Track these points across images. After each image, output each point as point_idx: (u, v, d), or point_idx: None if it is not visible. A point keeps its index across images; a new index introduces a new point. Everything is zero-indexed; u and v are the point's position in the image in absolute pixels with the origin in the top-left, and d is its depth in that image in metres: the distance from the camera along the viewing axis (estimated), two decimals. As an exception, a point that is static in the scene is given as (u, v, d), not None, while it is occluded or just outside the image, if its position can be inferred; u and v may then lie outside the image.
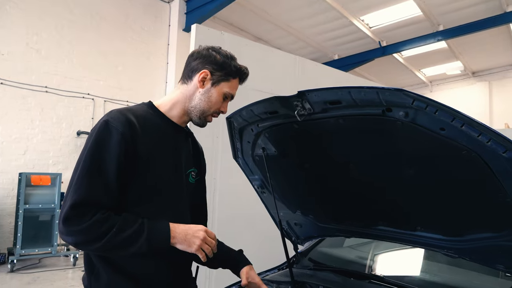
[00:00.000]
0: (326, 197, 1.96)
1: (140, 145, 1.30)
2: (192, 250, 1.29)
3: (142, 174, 1.31)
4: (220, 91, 1.46)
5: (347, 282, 1.93)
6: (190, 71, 1.48)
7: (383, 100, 1.24)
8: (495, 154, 1.13)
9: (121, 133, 1.26)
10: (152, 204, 1.34)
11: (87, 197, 1.19)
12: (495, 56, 12.32)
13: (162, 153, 1.38)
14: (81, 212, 1.18)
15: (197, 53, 1.49)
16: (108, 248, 1.21)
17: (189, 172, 1.54)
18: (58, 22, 7.28)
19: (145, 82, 8.60)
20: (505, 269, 1.47)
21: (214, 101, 1.47)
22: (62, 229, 1.18)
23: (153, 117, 1.43)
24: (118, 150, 1.24)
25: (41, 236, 6.09)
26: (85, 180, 1.21)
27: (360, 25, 10.03)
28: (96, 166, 1.23)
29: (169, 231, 1.27)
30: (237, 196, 3.47)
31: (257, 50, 3.87)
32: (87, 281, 1.33)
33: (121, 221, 1.22)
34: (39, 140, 6.99)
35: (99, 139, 1.26)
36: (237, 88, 1.53)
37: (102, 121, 1.30)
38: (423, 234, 1.70)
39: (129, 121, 1.30)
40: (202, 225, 1.37)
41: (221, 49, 1.50)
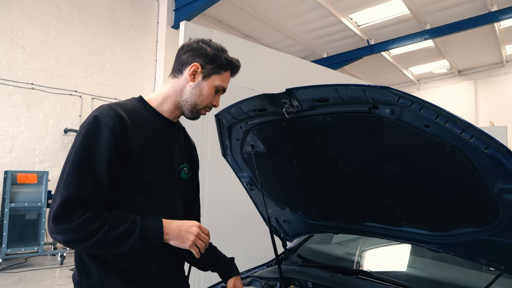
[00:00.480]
0: (315, 194, 1.98)
1: (131, 140, 1.28)
2: (185, 246, 1.29)
3: (133, 169, 1.29)
4: (212, 84, 1.44)
5: (335, 278, 1.96)
6: (181, 64, 1.46)
7: (369, 98, 1.26)
8: (477, 150, 1.16)
9: (111, 129, 1.24)
10: (144, 199, 1.33)
11: (77, 194, 1.17)
12: (481, 55, 12.53)
13: (153, 148, 1.37)
14: (71, 209, 1.16)
15: (187, 46, 1.46)
16: (100, 246, 1.19)
17: (182, 167, 1.52)
18: (44, 18, 7.17)
19: (133, 79, 8.53)
20: (487, 263, 1.51)
21: (206, 95, 1.45)
22: (52, 228, 1.15)
23: (144, 112, 1.40)
24: (108, 146, 1.22)
25: (27, 235, 6.01)
26: (75, 177, 1.18)
27: (349, 24, 10.09)
28: (86, 163, 1.20)
29: (162, 227, 1.26)
30: (226, 194, 3.48)
31: (246, 48, 3.87)
32: (78, 279, 1.31)
33: (113, 219, 1.20)
34: (25, 137, 6.89)
35: (88, 135, 1.23)
36: (228, 81, 1.51)
37: (91, 117, 1.27)
38: (409, 229, 1.73)
39: (119, 116, 1.28)
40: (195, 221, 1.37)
41: (211, 42, 1.48)
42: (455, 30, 9.61)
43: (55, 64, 7.31)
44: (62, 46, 7.41)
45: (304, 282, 1.97)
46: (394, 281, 1.79)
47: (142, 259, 1.31)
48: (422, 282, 1.88)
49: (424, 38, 10.14)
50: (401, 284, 1.76)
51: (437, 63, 13.08)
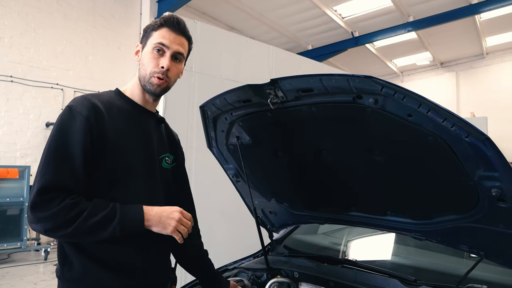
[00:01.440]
0: (300, 184, 1.99)
1: (106, 129, 1.29)
2: (167, 232, 1.28)
3: (110, 158, 1.29)
4: (148, 49, 1.42)
5: (321, 267, 1.98)
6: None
7: (353, 88, 1.27)
8: (458, 138, 1.18)
9: (86, 117, 1.24)
10: (122, 188, 1.32)
11: (54, 182, 1.17)
12: (462, 47, 12.74)
13: (130, 137, 1.36)
14: (49, 197, 1.15)
15: None
16: (79, 234, 1.19)
17: (163, 157, 1.51)
18: (22, 9, 6.98)
19: (116, 71, 8.39)
20: (468, 249, 1.54)
21: (147, 61, 1.41)
22: (30, 217, 1.15)
23: (120, 102, 1.41)
24: (83, 134, 1.23)
25: (9, 230, 5.90)
26: (51, 165, 1.19)
27: (333, 16, 10.11)
28: (61, 151, 1.21)
29: (142, 213, 1.26)
30: (212, 186, 3.47)
31: (231, 39, 3.85)
32: (60, 272, 1.30)
33: (92, 206, 1.20)
34: (5, 131, 6.74)
35: (63, 125, 1.24)
36: (167, 37, 1.41)
37: (66, 107, 1.29)
38: (392, 218, 1.76)
39: (94, 106, 1.29)
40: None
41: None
42: (437, 22, 9.74)
43: (35, 56, 7.14)
44: (42, 38, 7.23)
45: (290, 272, 1.99)
46: (379, 269, 1.83)
47: (124, 249, 1.30)
48: (406, 269, 1.92)
49: (407, 30, 10.25)
50: (386, 272, 1.79)
51: (420, 55, 13.25)
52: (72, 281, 1.27)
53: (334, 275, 1.87)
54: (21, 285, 4.81)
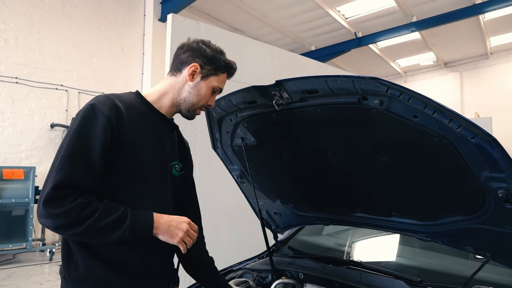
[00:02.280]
0: (305, 185, 1.99)
1: (125, 131, 1.29)
2: (173, 242, 1.30)
3: (125, 159, 1.30)
4: (209, 85, 1.48)
5: (326, 268, 1.98)
6: (180, 63, 1.48)
7: (358, 89, 1.27)
8: (464, 140, 1.18)
9: (107, 117, 1.25)
10: (133, 189, 1.33)
11: (70, 179, 1.17)
12: (466, 47, 12.67)
13: (146, 141, 1.38)
14: (63, 194, 1.15)
15: (187, 46, 1.48)
16: (89, 234, 1.19)
17: (173, 164, 1.53)
18: (27, 10, 7.01)
19: (120, 73, 8.42)
20: (474, 250, 1.54)
21: (203, 95, 1.48)
22: (42, 212, 1.15)
23: (140, 106, 1.42)
24: (103, 133, 1.23)
25: (15, 231, 5.92)
26: (69, 161, 1.18)
27: (336, 16, 10.10)
28: (80, 149, 1.21)
29: (152, 220, 1.27)
30: (217, 187, 3.48)
31: (234, 40, 3.85)
32: (66, 271, 1.30)
33: (104, 207, 1.20)
34: (10, 132, 6.77)
35: (84, 122, 1.24)
36: (225, 82, 1.54)
37: (88, 105, 1.29)
38: (398, 219, 1.75)
39: (116, 106, 1.30)
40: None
41: (210, 43, 1.50)
42: (441, 22, 9.69)
43: (40, 57, 7.17)
44: (47, 40, 7.26)
45: (295, 273, 1.99)
46: (384, 271, 1.82)
47: (130, 250, 1.31)
48: (411, 270, 1.92)
49: (411, 30, 10.21)
50: (391, 273, 1.79)
51: (424, 55, 13.19)
52: (77, 281, 1.28)
53: (339, 276, 1.87)
54: (26, 285, 4.84)
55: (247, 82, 3.34)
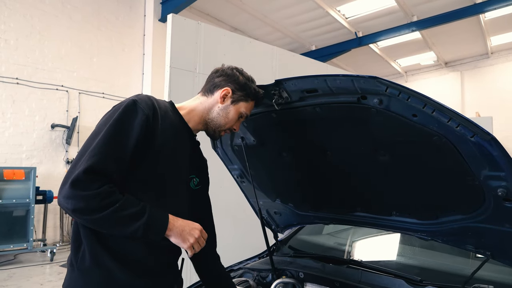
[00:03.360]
0: (305, 185, 1.99)
1: (158, 134, 1.34)
2: (184, 246, 1.33)
3: (150, 161, 1.33)
4: (238, 110, 1.54)
5: (326, 267, 1.98)
6: (213, 86, 1.55)
7: (358, 88, 1.28)
8: (463, 138, 1.18)
9: (146, 115, 1.30)
10: (152, 193, 1.35)
11: (102, 166, 1.19)
12: (466, 47, 12.66)
13: (172, 149, 1.41)
14: (92, 178, 1.17)
15: (221, 71, 1.56)
16: (104, 223, 1.21)
17: (191, 177, 1.58)
18: (27, 11, 7.02)
19: (121, 73, 8.43)
20: (474, 249, 1.54)
21: (231, 118, 1.54)
22: (68, 191, 1.16)
23: (172, 115, 1.47)
24: (139, 129, 1.28)
25: (15, 231, 5.92)
26: (104, 149, 1.21)
27: (337, 16, 10.09)
28: (116, 139, 1.25)
29: (167, 222, 1.29)
30: (217, 186, 3.47)
31: (234, 40, 3.85)
32: (74, 260, 1.31)
33: (125, 199, 1.22)
34: (11, 133, 6.77)
35: (125, 115, 1.28)
36: (251, 109, 1.60)
37: (130, 100, 1.33)
38: (398, 218, 1.76)
39: (155, 107, 1.36)
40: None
41: (243, 71, 1.58)
42: (442, 21, 9.68)
43: (40, 58, 7.17)
44: (47, 40, 7.27)
45: (295, 272, 1.99)
46: (384, 270, 1.82)
47: (139, 247, 1.33)
48: (412, 269, 1.92)
49: (411, 30, 10.20)
50: (391, 272, 1.79)
51: (424, 55, 13.17)
52: (83, 271, 1.29)
53: (339, 275, 1.87)
54: (27, 285, 4.84)
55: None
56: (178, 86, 3.29)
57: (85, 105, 7.77)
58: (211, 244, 1.70)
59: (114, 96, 8.14)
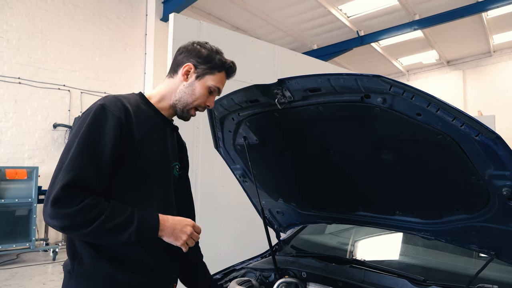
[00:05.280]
0: (307, 184, 1.98)
1: (134, 132, 1.31)
2: (177, 244, 1.32)
3: (132, 160, 1.31)
4: (204, 84, 1.48)
5: (329, 267, 1.97)
6: (176, 65, 1.51)
7: (361, 87, 1.27)
8: (468, 137, 1.17)
9: (118, 118, 1.26)
10: (139, 190, 1.35)
11: (80, 179, 1.17)
12: (469, 45, 12.63)
13: (151, 142, 1.39)
14: (72, 194, 1.15)
15: (182, 48, 1.51)
16: (96, 235, 1.20)
17: (174, 165, 1.56)
18: (29, 11, 7.03)
19: (123, 73, 8.43)
20: (478, 249, 1.53)
21: (198, 94, 1.48)
22: (50, 211, 1.14)
23: (145, 107, 1.44)
24: (113, 134, 1.24)
25: (18, 231, 5.94)
26: (79, 161, 1.18)
27: (338, 15, 10.08)
28: (90, 149, 1.21)
29: (158, 223, 1.28)
30: (219, 186, 3.47)
31: (236, 39, 3.85)
32: (70, 266, 1.30)
33: (110, 209, 1.20)
34: (13, 133, 6.79)
35: (95, 123, 1.25)
36: (223, 82, 1.53)
37: (98, 105, 1.29)
38: (401, 218, 1.74)
39: (125, 107, 1.32)
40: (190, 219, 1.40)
41: (207, 44, 1.51)
42: (444, 20, 9.66)
43: (42, 58, 7.19)
44: (49, 40, 7.28)
45: (298, 272, 1.98)
46: (387, 269, 1.81)
47: (137, 248, 1.32)
48: (415, 269, 1.91)
49: (413, 28, 10.18)
50: (395, 272, 1.78)
51: (426, 53, 13.15)
52: (82, 277, 1.29)
53: (342, 275, 1.86)
54: (30, 285, 4.85)
55: (249, 81, 3.34)
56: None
57: (87, 104, 7.77)
58: None
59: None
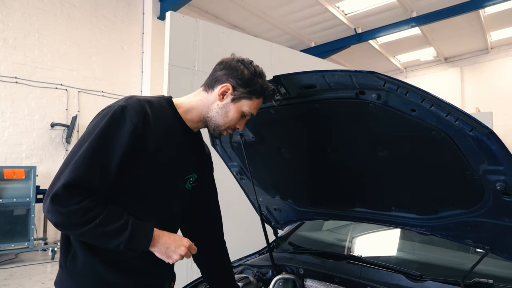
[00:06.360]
0: (304, 181, 1.99)
1: (148, 141, 1.28)
2: (168, 261, 1.30)
3: (140, 169, 1.29)
4: (239, 109, 1.40)
5: (326, 263, 1.98)
6: (214, 80, 1.42)
7: (356, 83, 1.27)
8: (462, 133, 1.18)
9: (135, 125, 1.23)
10: (141, 200, 1.32)
11: (83, 181, 1.16)
12: (466, 42, 12.63)
13: (165, 154, 1.35)
14: (72, 193, 1.15)
15: (225, 63, 1.43)
16: (87, 237, 1.21)
17: (188, 177, 1.50)
18: (26, 10, 7.00)
19: (120, 71, 8.41)
20: (473, 243, 1.54)
21: (231, 118, 1.41)
22: (49, 206, 1.14)
23: (168, 114, 1.40)
24: (127, 140, 1.22)
25: (16, 230, 5.93)
26: (86, 162, 1.17)
27: (336, 12, 10.07)
28: (101, 151, 1.20)
29: (151, 238, 1.25)
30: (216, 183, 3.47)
31: (233, 37, 3.85)
32: (63, 261, 1.31)
33: (106, 214, 1.19)
34: (10, 132, 6.77)
35: (111, 124, 1.22)
36: (258, 107, 1.45)
37: (119, 106, 1.25)
38: (397, 214, 1.76)
39: (145, 113, 1.28)
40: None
41: (251, 64, 1.43)
42: (441, 17, 9.65)
43: (39, 57, 7.16)
44: (46, 39, 7.25)
45: (295, 268, 2.00)
46: (383, 265, 1.82)
47: (129, 250, 1.30)
48: (411, 264, 1.92)
49: (410, 25, 10.17)
50: (391, 267, 1.79)
51: (424, 50, 13.15)
52: (73, 274, 1.29)
53: (339, 271, 1.87)
54: (29, 284, 4.85)
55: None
56: (177, 84, 3.29)
57: (84, 103, 7.76)
58: (216, 232, 1.73)
59: (113, 94, 8.13)
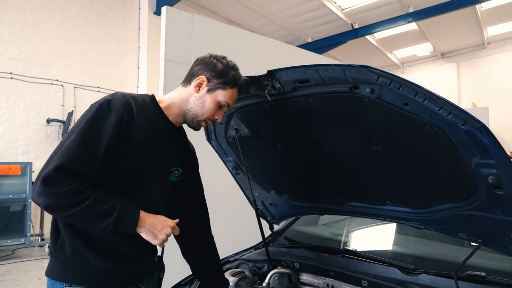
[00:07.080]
0: (299, 176, 2.00)
1: (132, 134, 1.35)
2: (155, 242, 1.35)
3: (124, 161, 1.35)
4: (215, 99, 1.50)
5: (321, 257, 2.00)
6: (190, 75, 1.54)
7: (349, 78, 1.28)
8: (454, 126, 1.19)
9: (120, 116, 1.32)
10: (126, 191, 1.38)
11: (73, 164, 1.22)
12: (463, 37, 12.64)
13: (149, 146, 1.42)
14: (63, 176, 1.20)
15: (200, 59, 1.55)
16: (75, 219, 1.26)
17: (172, 170, 1.56)
18: (20, 5, 6.95)
19: (116, 67, 8.37)
20: (466, 237, 1.56)
21: (207, 108, 1.50)
22: (39, 188, 1.19)
23: (151, 110, 1.48)
24: (112, 130, 1.29)
25: (13, 226, 5.93)
26: (76, 147, 1.24)
27: (333, 7, 10.04)
28: (89, 139, 1.27)
29: (137, 219, 1.31)
30: (212, 178, 3.48)
31: (230, 32, 3.83)
32: (53, 250, 1.37)
33: (95, 197, 1.25)
34: (6, 128, 6.74)
35: (98, 115, 1.31)
36: (234, 98, 1.54)
37: (105, 100, 1.35)
38: (392, 208, 1.77)
39: (130, 107, 1.37)
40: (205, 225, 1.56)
41: (224, 58, 1.54)
42: (438, 12, 9.65)
43: (34, 52, 7.12)
44: (41, 34, 7.20)
45: (291, 263, 2.01)
46: (378, 259, 1.84)
47: (115, 236, 1.35)
48: (405, 258, 1.94)
49: (407, 21, 10.16)
50: (385, 261, 1.81)
51: (421, 46, 13.15)
52: (62, 261, 1.35)
53: (334, 264, 1.89)
54: (26, 280, 4.86)
55: (243, 74, 3.34)
56: (173, 79, 3.28)
57: (80, 99, 7.72)
58: (204, 227, 1.75)
59: (109, 90, 8.09)
